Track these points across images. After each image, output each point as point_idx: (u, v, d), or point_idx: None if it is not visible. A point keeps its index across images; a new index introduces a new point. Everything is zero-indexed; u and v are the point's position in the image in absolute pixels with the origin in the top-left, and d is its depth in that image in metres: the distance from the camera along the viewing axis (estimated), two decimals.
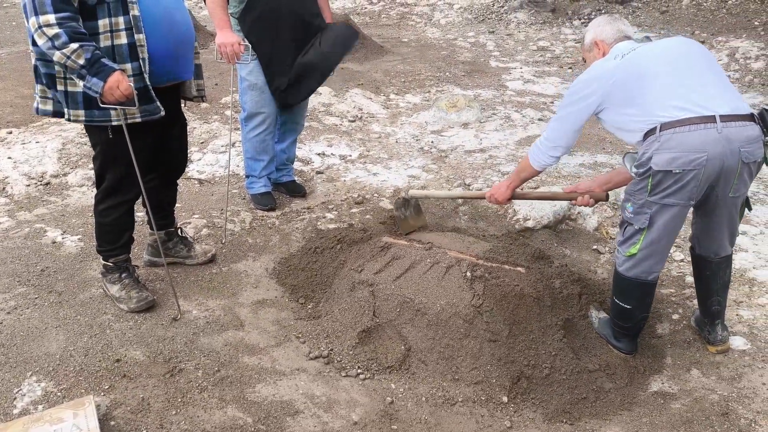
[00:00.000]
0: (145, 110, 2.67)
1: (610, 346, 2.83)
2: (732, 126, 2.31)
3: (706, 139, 2.29)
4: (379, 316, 2.81)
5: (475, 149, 5.24)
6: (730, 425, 2.41)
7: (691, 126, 2.31)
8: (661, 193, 2.41)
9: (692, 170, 2.32)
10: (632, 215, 2.55)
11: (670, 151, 2.33)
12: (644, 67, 2.46)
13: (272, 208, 4.03)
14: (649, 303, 2.72)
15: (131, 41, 2.56)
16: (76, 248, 3.50)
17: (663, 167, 2.35)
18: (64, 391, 2.47)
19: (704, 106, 2.33)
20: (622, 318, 2.73)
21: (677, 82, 2.41)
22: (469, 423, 2.46)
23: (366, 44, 8.45)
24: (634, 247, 2.57)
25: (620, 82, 2.47)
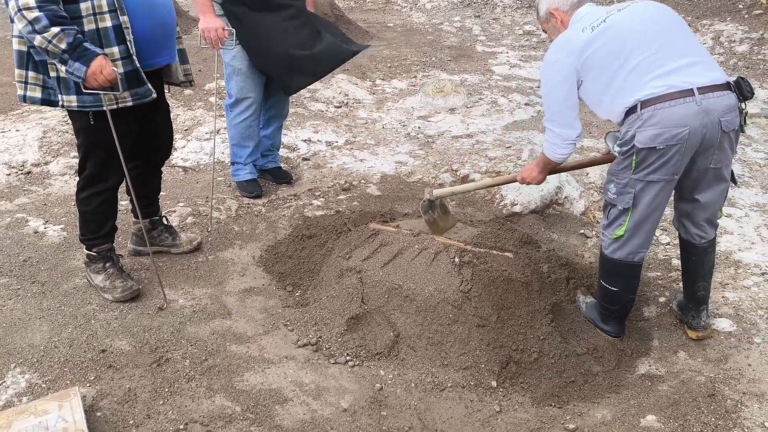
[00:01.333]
0: (136, 93, 2.62)
1: (598, 329, 2.83)
2: (710, 97, 2.30)
3: (686, 112, 2.29)
4: (368, 303, 2.80)
5: (462, 134, 5.22)
6: (717, 406, 2.43)
7: (671, 101, 2.30)
8: (645, 170, 2.40)
9: (675, 144, 2.32)
10: (615, 196, 2.53)
11: (652, 128, 2.32)
12: (619, 42, 2.40)
13: (258, 195, 4.00)
14: (635, 285, 2.72)
15: (116, 23, 2.51)
16: (59, 238, 3.45)
17: (646, 144, 2.34)
18: (48, 382, 2.44)
19: (682, 79, 2.32)
20: (609, 301, 2.72)
21: (653, 56, 2.36)
22: (459, 408, 2.46)
23: (351, 29, 8.37)
24: (620, 229, 2.56)
25: (595, 58, 2.42)
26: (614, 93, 2.42)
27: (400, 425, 2.35)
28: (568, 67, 2.47)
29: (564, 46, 2.50)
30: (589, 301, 2.94)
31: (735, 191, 4.14)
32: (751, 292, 3.13)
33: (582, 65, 2.45)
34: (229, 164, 4.15)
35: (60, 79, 2.55)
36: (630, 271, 2.66)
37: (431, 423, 2.38)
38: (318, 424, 2.33)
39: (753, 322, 2.91)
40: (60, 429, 2.09)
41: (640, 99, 2.34)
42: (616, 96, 2.41)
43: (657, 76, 2.34)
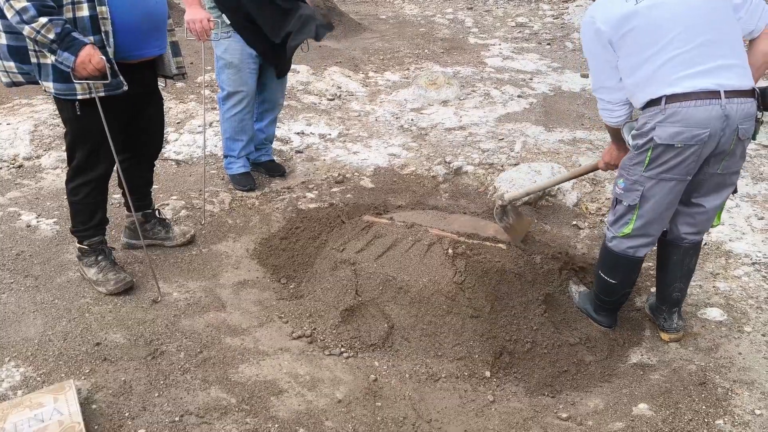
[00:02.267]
0: (108, 85, 2.61)
1: (591, 319, 2.84)
2: (734, 102, 2.24)
3: (710, 115, 2.22)
4: (362, 295, 2.81)
5: (455, 127, 5.23)
6: (708, 394, 2.46)
7: (697, 101, 2.22)
8: (658, 167, 2.35)
9: (693, 145, 2.26)
10: (623, 191, 2.49)
11: (674, 125, 2.25)
12: (662, 26, 2.26)
13: (252, 188, 3.99)
14: (634, 279, 2.69)
15: (93, 13, 2.50)
16: (52, 232, 3.43)
17: (665, 140, 2.28)
18: (43, 375, 2.44)
19: (712, 81, 2.23)
20: (606, 292, 2.71)
21: (691, 51, 2.25)
22: (453, 398, 2.48)
23: (343, 21, 8.35)
24: (627, 227, 2.52)
25: (633, 36, 2.28)
26: (641, 79, 2.32)
27: (395, 415, 2.37)
28: (603, 35, 2.34)
29: (603, 10, 2.35)
30: (582, 290, 2.94)
31: None
32: (742, 282, 3.16)
33: (618, 38, 2.32)
34: (222, 157, 4.14)
35: (40, 66, 2.55)
36: (631, 265, 2.63)
37: (426, 413, 2.39)
38: (313, 415, 2.34)
39: (743, 312, 2.94)
40: (55, 422, 2.10)
41: (666, 94, 2.26)
42: (642, 83, 2.33)
43: (689, 75, 2.25)
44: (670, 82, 2.26)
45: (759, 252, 3.40)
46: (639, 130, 2.37)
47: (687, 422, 2.33)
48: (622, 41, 2.32)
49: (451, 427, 2.34)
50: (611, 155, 2.77)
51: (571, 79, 6.59)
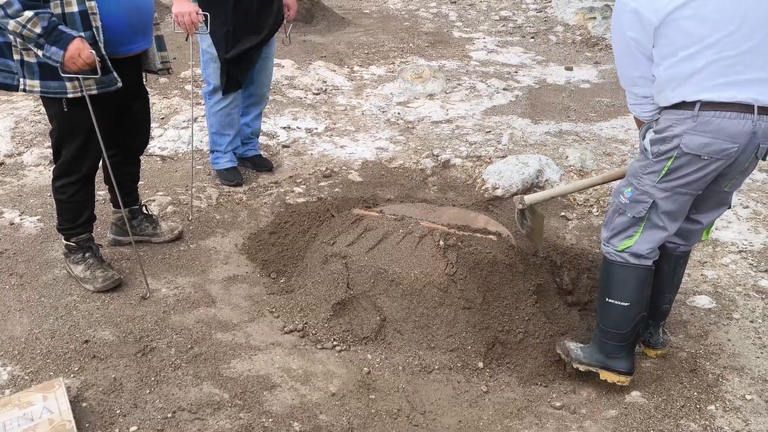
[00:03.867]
0: (101, 82, 2.56)
1: (607, 373, 2.43)
2: (764, 120, 2.07)
3: (742, 129, 2.06)
4: (354, 288, 2.80)
5: (442, 120, 5.22)
6: (699, 381, 2.48)
7: (732, 113, 2.05)
8: (676, 180, 2.16)
9: (720, 159, 2.10)
10: (628, 201, 2.28)
11: (705, 135, 2.07)
12: (711, 23, 2.03)
13: (239, 183, 3.96)
14: (648, 296, 2.39)
15: (82, 8, 2.44)
16: (36, 229, 3.38)
17: (693, 150, 2.09)
18: (31, 374, 2.40)
19: (749, 93, 2.05)
20: (620, 323, 2.38)
21: (737, 57, 2.05)
22: (446, 389, 2.48)
23: (327, 16, 8.30)
24: (630, 240, 2.32)
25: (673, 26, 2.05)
26: (677, 76, 2.09)
27: (389, 408, 2.36)
28: (646, 21, 2.08)
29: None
30: (584, 345, 2.55)
31: None
32: (729, 270, 3.19)
33: (662, 27, 2.07)
34: (209, 153, 4.09)
35: (24, 63, 2.48)
36: (644, 276, 2.36)
37: (419, 405, 2.39)
38: (307, 409, 2.33)
39: (732, 299, 2.97)
40: (45, 420, 2.06)
41: (702, 99, 2.06)
42: (677, 81, 2.10)
43: (730, 83, 2.06)
44: (710, 87, 2.07)
45: (745, 240, 3.43)
46: (661, 133, 2.16)
47: (679, 408, 2.35)
48: (665, 30, 2.07)
49: (445, 418, 2.34)
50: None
51: (555, 72, 6.62)
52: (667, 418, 2.31)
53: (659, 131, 2.16)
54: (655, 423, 2.29)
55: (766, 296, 2.98)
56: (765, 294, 3.00)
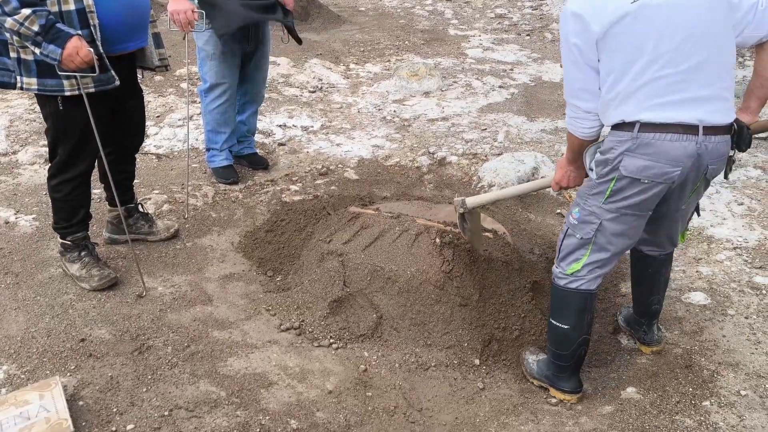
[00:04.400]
0: (99, 80, 2.56)
1: (554, 390, 2.43)
2: (711, 141, 1.97)
3: (684, 152, 1.96)
4: (350, 286, 2.80)
5: (438, 117, 5.23)
6: (694, 376, 2.49)
7: (674, 135, 1.95)
8: (620, 202, 2.09)
9: (661, 183, 2.02)
10: (576, 222, 2.20)
11: (644, 158, 1.98)
12: (648, 43, 1.92)
13: (235, 181, 3.96)
14: (589, 321, 2.33)
15: (80, 7, 2.44)
16: (31, 228, 3.37)
17: (632, 174, 2.01)
18: (27, 373, 2.40)
19: (693, 113, 1.95)
20: (560, 344, 2.35)
21: (678, 72, 1.93)
22: (443, 387, 2.49)
23: (323, 13, 8.29)
24: (578, 263, 2.24)
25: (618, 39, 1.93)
26: (619, 94, 1.99)
27: (386, 405, 2.37)
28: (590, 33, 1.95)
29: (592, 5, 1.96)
30: (541, 358, 2.52)
31: None
32: (724, 266, 3.21)
33: (604, 39, 1.94)
34: (204, 151, 4.09)
35: (21, 61, 2.48)
36: (583, 301, 2.29)
37: (416, 402, 2.40)
38: (304, 407, 2.33)
39: (726, 295, 2.99)
40: (42, 419, 2.06)
41: (642, 120, 1.96)
42: (618, 98, 1.99)
43: (672, 103, 1.95)
44: (650, 106, 1.96)
45: (740, 237, 3.45)
46: (603, 154, 2.07)
47: (674, 404, 2.36)
48: (608, 43, 1.95)
49: (442, 415, 2.34)
50: (568, 178, 2.36)
51: (551, 70, 6.62)
52: (662, 414, 2.32)
53: (603, 152, 2.07)
54: (651, 419, 2.30)
55: (761, 292, 3.00)
56: (759, 290, 3.02)
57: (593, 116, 2.09)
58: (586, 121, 2.11)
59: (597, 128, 2.12)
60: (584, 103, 2.08)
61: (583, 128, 2.12)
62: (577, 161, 2.26)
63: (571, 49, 2.02)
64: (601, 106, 2.06)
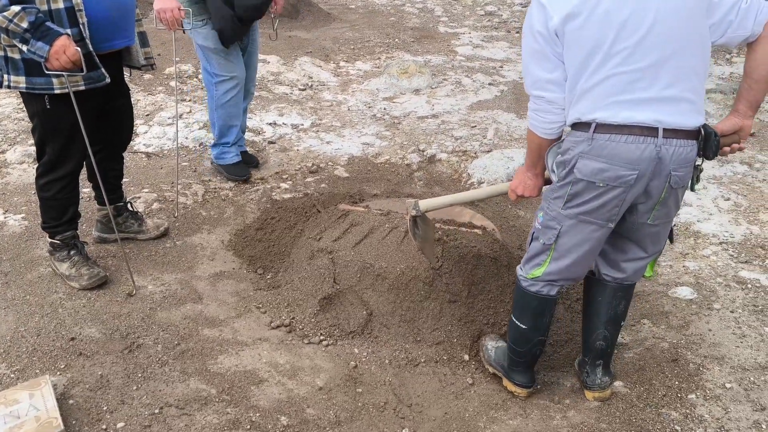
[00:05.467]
0: (89, 78, 2.55)
1: (508, 383, 2.42)
2: (672, 144, 1.88)
3: (641, 155, 1.87)
4: (340, 283, 2.81)
5: (428, 115, 5.24)
6: (680, 370, 2.52)
7: (630, 137, 1.87)
8: (577, 207, 2.00)
9: (617, 187, 1.92)
10: (540, 227, 2.14)
11: (598, 160, 1.90)
12: (608, 37, 1.85)
13: (248, 178, 3.95)
14: (546, 324, 2.29)
15: (69, 5, 2.44)
16: (20, 227, 3.36)
17: (586, 176, 1.94)
18: (17, 372, 2.39)
19: (652, 114, 1.87)
20: (518, 341, 2.33)
21: (637, 69, 1.85)
22: (432, 382, 2.51)
23: (313, 11, 8.29)
24: (539, 269, 2.18)
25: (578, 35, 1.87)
26: (578, 90, 1.93)
27: (376, 401, 2.38)
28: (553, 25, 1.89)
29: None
30: (500, 345, 2.51)
31: None
32: (710, 261, 3.24)
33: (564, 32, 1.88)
34: (209, 147, 4.03)
35: (8, 59, 2.48)
36: (542, 306, 2.25)
37: (406, 398, 2.41)
38: (294, 403, 2.34)
39: (712, 290, 3.02)
40: (32, 417, 2.06)
41: (598, 120, 1.89)
42: (577, 95, 1.94)
43: (628, 102, 1.88)
44: (606, 104, 1.88)
45: (726, 232, 3.49)
46: (563, 155, 2.00)
47: (661, 398, 2.39)
48: (568, 37, 1.89)
49: (432, 411, 2.36)
50: (525, 186, 2.24)
51: None
52: (648, 407, 2.35)
53: (562, 153, 2.01)
54: (637, 412, 2.33)
55: (746, 287, 3.04)
56: (745, 285, 3.05)
57: (557, 108, 1.99)
58: (549, 114, 2.00)
59: (559, 125, 2.03)
60: (549, 94, 1.97)
61: (544, 123, 2.02)
62: (536, 167, 2.18)
63: (536, 37, 1.93)
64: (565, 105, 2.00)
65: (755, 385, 2.44)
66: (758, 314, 2.84)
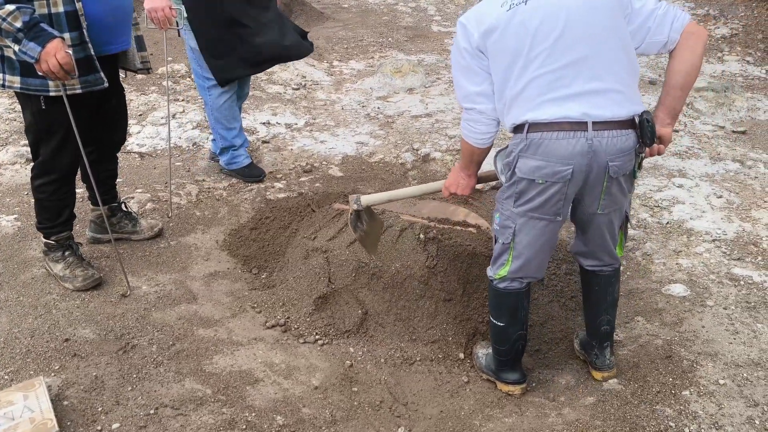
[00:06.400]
0: (87, 81, 2.55)
1: (501, 384, 2.45)
2: (604, 136, 1.95)
3: (573, 150, 1.94)
4: (335, 282, 2.81)
5: (422, 114, 5.25)
6: (674, 367, 2.54)
7: (561, 132, 1.94)
8: (526, 204, 2.08)
9: (557, 183, 2.00)
10: (498, 228, 2.22)
11: (535, 158, 1.99)
12: (525, 44, 1.96)
13: (263, 178, 3.95)
14: (522, 317, 2.36)
15: (70, 9, 2.44)
16: (13, 228, 3.34)
17: (527, 175, 2.02)
18: (11, 374, 2.38)
19: (579, 108, 1.94)
20: (499, 339, 2.39)
21: (560, 71, 1.95)
22: (428, 381, 2.51)
23: (306, 10, 8.28)
24: (503, 268, 2.25)
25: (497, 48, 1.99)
26: (508, 99, 2.03)
27: (372, 400, 2.39)
28: (473, 41, 2.03)
29: (477, 15, 2.04)
30: (489, 352, 2.54)
31: (685, 162, 4.29)
32: (703, 258, 3.26)
33: (487, 47, 2.02)
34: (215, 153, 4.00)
35: (4, 58, 2.47)
36: (514, 300, 2.32)
37: (402, 396, 2.42)
38: (290, 403, 2.34)
39: (705, 287, 3.04)
40: (26, 419, 2.06)
41: (529, 120, 1.98)
42: (508, 103, 2.04)
43: (554, 100, 1.96)
44: (534, 106, 1.98)
45: (719, 229, 3.51)
46: (506, 158, 2.10)
47: (655, 394, 2.40)
48: (490, 51, 2.02)
49: (427, 409, 2.37)
50: (458, 184, 2.37)
51: None
52: (643, 404, 2.36)
53: (507, 155, 2.10)
54: (632, 409, 2.34)
55: (739, 284, 3.05)
56: (738, 281, 3.07)
57: (487, 119, 2.12)
58: (480, 125, 2.14)
59: (490, 134, 2.16)
60: (479, 105, 2.11)
61: (476, 132, 2.16)
62: (469, 168, 2.31)
63: (463, 53, 2.07)
64: (501, 115, 2.11)
65: (748, 382, 2.46)
66: (751, 311, 2.86)
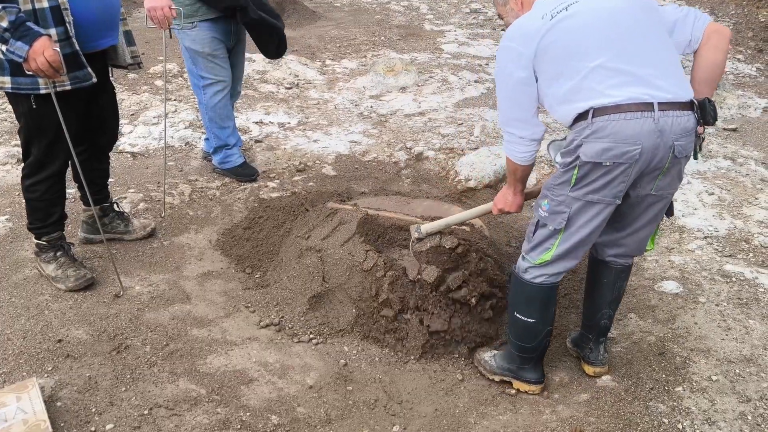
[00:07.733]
0: (75, 77, 2.53)
1: (517, 382, 2.45)
2: (669, 115, 1.99)
3: (641, 129, 1.98)
4: (329, 281, 2.81)
5: (415, 113, 5.25)
6: (667, 363, 2.55)
7: (627, 114, 1.98)
8: (585, 187, 2.10)
9: (623, 164, 2.02)
10: (547, 214, 2.21)
11: (602, 141, 2.01)
12: (579, 36, 2.04)
13: (257, 177, 3.94)
14: (552, 312, 2.37)
15: (54, 4, 2.42)
16: (5, 229, 3.32)
17: (592, 158, 2.03)
18: (3, 375, 2.37)
19: (644, 90, 2.00)
20: (526, 337, 2.37)
21: (617, 58, 2.02)
22: (423, 379, 2.51)
23: (298, 9, 8.27)
24: (547, 253, 2.24)
25: (548, 51, 2.06)
26: (566, 93, 2.07)
27: (366, 398, 2.39)
28: (524, 57, 2.08)
29: (518, 33, 2.11)
30: (497, 353, 2.56)
31: None
32: (695, 255, 3.28)
33: (538, 56, 2.07)
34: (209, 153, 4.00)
35: None
36: (548, 295, 2.33)
37: (396, 395, 2.42)
38: (285, 402, 2.34)
39: (698, 283, 3.06)
40: (20, 420, 2.05)
41: (594, 106, 2.02)
42: (567, 97, 2.08)
43: (620, 84, 2.01)
44: (599, 92, 2.02)
45: (710, 226, 3.53)
46: (566, 147, 2.13)
47: (648, 390, 2.42)
48: (543, 58, 2.07)
49: (422, 407, 2.37)
50: (506, 201, 2.49)
51: None
52: (636, 401, 2.37)
53: (566, 146, 2.14)
54: (626, 405, 2.35)
55: (731, 280, 3.07)
56: (729, 278, 3.09)
57: (527, 142, 2.23)
58: (520, 146, 2.24)
59: (531, 154, 2.26)
60: (518, 131, 2.21)
61: (517, 153, 2.27)
62: (516, 186, 2.42)
63: (511, 78, 2.14)
64: (556, 113, 2.17)
65: (740, 377, 2.48)
66: (743, 307, 2.88)
